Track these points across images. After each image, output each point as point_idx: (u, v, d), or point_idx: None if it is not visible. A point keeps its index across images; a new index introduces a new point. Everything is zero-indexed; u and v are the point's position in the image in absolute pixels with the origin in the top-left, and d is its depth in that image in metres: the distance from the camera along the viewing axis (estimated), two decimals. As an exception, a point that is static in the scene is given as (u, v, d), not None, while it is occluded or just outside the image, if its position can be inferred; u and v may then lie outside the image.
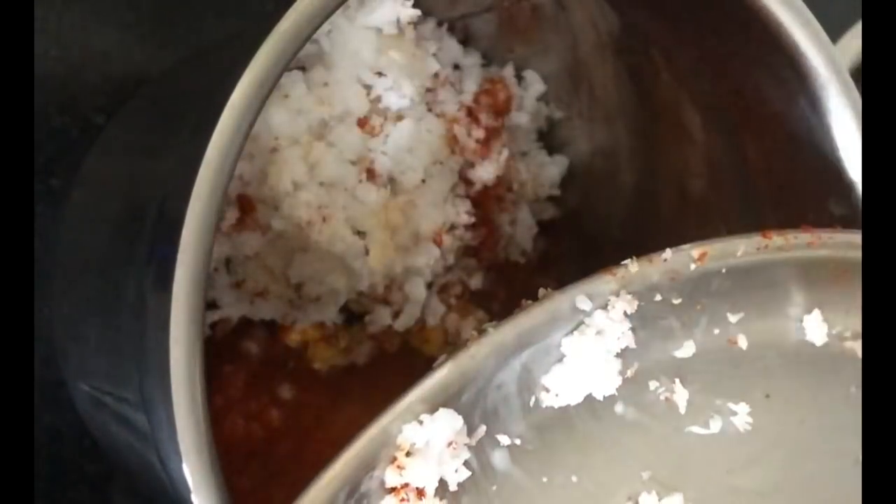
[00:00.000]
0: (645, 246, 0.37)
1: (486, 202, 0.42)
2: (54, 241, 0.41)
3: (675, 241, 0.41)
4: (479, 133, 0.41)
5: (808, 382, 0.28)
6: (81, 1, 0.45)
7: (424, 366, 0.41)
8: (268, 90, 0.26)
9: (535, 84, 0.44)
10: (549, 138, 0.45)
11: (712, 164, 0.38)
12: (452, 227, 0.40)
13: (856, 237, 0.28)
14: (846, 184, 0.32)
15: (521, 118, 0.43)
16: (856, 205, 0.32)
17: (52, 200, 0.44)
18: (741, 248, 0.28)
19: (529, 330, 0.26)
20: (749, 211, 0.37)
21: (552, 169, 0.44)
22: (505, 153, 0.41)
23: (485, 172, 0.41)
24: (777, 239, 0.28)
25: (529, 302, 0.27)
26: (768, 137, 0.34)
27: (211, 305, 0.38)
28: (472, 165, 0.41)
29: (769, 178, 0.35)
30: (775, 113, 0.33)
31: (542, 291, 0.27)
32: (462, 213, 0.40)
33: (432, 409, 0.26)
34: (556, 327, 0.27)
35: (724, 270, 0.27)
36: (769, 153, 0.35)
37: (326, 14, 0.27)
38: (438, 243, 0.39)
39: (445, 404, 0.26)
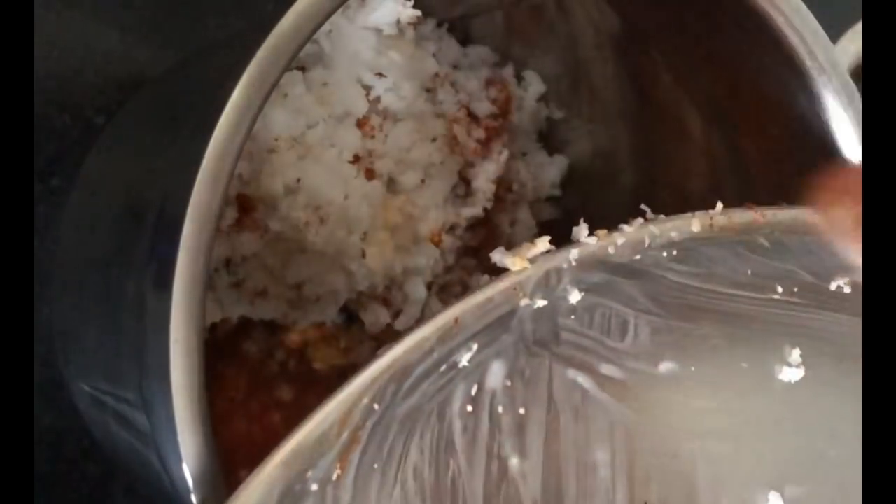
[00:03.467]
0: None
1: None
2: (54, 241, 0.41)
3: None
4: (479, 133, 0.41)
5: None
6: (82, 1, 0.45)
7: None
8: (268, 90, 0.26)
9: (535, 84, 0.44)
10: (549, 138, 0.45)
11: (712, 164, 0.38)
12: (452, 227, 0.40)
13: (799, 212, 0.28)
14: (846, 184, 0.32)
15: (521, 118, 0.43)
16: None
17: (52, 200, 0.44)
18: (675, 231, 0.27)
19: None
20: (749, 211, 0.37)
21: (552, 169, 0.44)
22: (505, 153, 0.41)
23: (485, 173, 0.41)
24: (720, 218, 0.28)
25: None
26: (768, 137, 0.34)
27: (211, 305, 0.38)
28: (472, 165, 0.41)
29: (769, 178, 0.35)
30: (775, 113, 0.33)
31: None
32: (462, 212, 0.40)
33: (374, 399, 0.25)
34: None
35: (664, 254, 0.27)
36: (769, 153, 0.35)
37: (326, 14, 0.27)
38: (437, 243, 0.39)
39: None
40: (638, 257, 0.27)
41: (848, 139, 0.32)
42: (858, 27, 0.43)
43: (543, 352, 0.27)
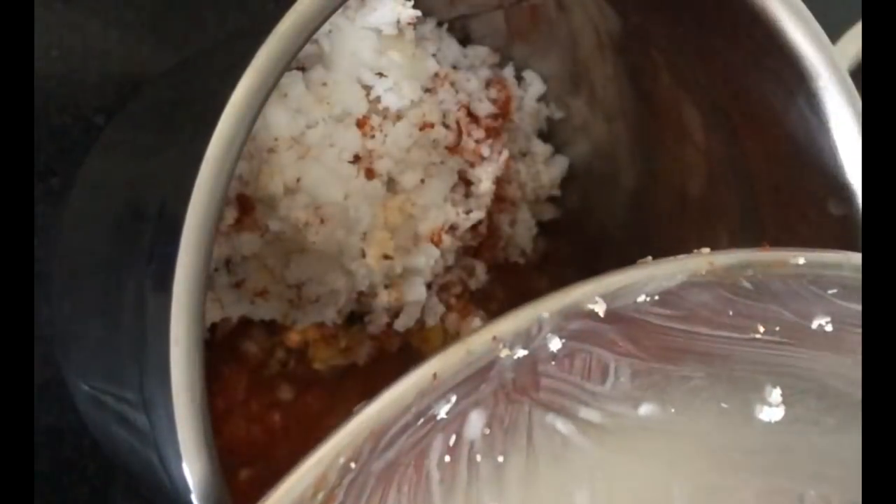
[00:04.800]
0: (645, 246, 0.37)
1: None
2: (54, 241, 0.41)
3: (675, 241, 0.41)
4: (479, 133, 0.41)
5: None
6: (81, 1, 0.45)
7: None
8: (268, 90, 0.26)
9: (535, 84, 0.44)
10: (549, 138, 0.45)
11: (712, 164, 0.38)
12: (452, 228, 0.40)
13: (782, 254, 0.28)
14: (846, 184, 0.32)
15: (521, 118, 0.43)
16: (855, 205, 0.32)
17: (52, 200, 0.44)
18: (679, 275, 0.27)
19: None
20: (749, 211, 0.37)
21: (552, 169, 0.44)
22: (505, 153, 0.41)
23: (485, 173, 0.41)
24: (707, 261, 0.27)
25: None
26: (768, 137, 0.34)
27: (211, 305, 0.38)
28: (472, 165, 0.41)
29: (769, 178, 0.35)
30: (775, 113, 0.33)
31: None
32: (462, 214, 0.40)
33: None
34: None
35: (646, 299, 0.27)
36: (769, 153, 0.35)
37: (326, 14, 0.27)
38: (437, 243, 0.39)
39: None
40: (621, 304, 0.27)
41: (848, 139, 0.32)
42: (858, 27, 0.43)
43: (523, 398, 0.26)
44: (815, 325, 0.28)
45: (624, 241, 0.43)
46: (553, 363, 0.26)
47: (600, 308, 0.26)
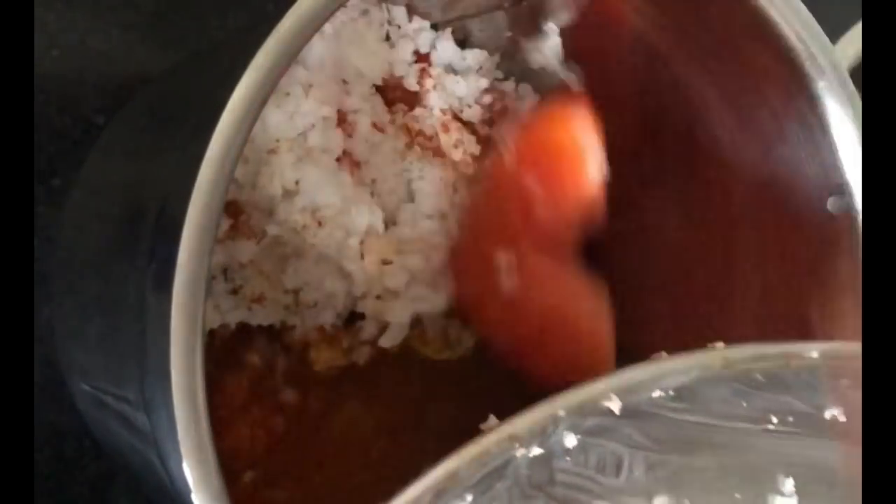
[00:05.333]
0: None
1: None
2: (54, 241, 0.41)
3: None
4: (473, 147, 0.40)
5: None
6: (82, 1, 0.45)
7: (424, 366, 0.40)
8: (268, 91, 0.26)
9: (531, 97, 0.43)
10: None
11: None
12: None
13: (795, 346, 0.28)
14: (846, 183, 0.32)
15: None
16: (855, 204, 0.32)
17: (53, 200, 0.44)
18: (694, 371, 0.27)
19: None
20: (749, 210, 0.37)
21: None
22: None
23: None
24: (721, 356, 0.28)
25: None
26: (768, 137, 0.34)
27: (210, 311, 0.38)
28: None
29: (769, 177, 0.35)
30: (775, 113, 0.33)
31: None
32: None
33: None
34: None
35: (661, 394, 0.27)
36: (769, 153, 0.35)
37: (326, 14, 0.27)
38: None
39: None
40: (636, 399, 0.27)
41: (848, 139, 0.32)
42: (858, 27, 0.43)
43: (538, 493, 0.26)
44: (827, 415, 0.28)
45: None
46: (568, 458, 0.27)
47: (615, 405, 0.26)
